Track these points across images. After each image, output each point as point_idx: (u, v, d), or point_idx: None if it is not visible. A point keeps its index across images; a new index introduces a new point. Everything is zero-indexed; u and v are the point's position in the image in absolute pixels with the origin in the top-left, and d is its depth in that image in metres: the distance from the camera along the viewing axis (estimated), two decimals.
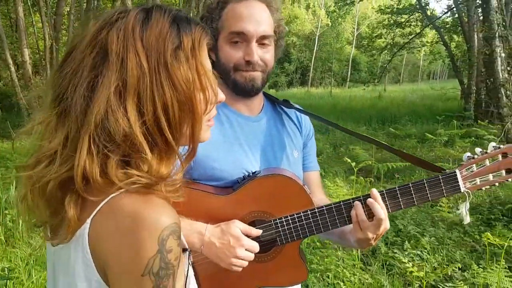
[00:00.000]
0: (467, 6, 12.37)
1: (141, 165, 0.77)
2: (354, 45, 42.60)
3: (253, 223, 1.34)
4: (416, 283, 3.27)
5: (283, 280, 1.41)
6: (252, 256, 1.27)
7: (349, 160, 4.38)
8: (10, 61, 11.54)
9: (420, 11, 16.29)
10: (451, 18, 16.91)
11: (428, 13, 16.41)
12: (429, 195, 1.32)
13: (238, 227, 1.26)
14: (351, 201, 1.33)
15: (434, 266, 3.60)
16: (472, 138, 7.52)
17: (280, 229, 1.34)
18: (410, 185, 1.32)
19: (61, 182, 0.77)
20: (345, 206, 1.34)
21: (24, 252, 3.73)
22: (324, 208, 1.34)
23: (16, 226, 4.32)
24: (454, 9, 14.32)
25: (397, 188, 1.33)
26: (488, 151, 1.34)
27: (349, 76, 43.46)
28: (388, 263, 3.75)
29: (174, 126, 0.80)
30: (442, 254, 3.85)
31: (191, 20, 0.84)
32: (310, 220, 1.34)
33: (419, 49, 21.97)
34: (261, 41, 1.35)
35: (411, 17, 16.95)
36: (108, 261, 0.74)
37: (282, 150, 1.48)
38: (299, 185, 1.36)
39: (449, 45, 15.21)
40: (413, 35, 17.14)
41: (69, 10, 13.98)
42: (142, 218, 0.73)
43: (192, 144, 0.86)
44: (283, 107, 1.57)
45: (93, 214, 0.76)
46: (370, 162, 5.17)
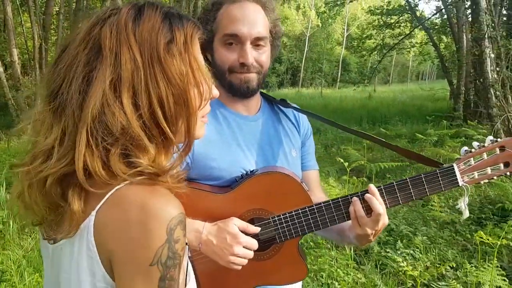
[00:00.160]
0: (456, 8, 12.50)
1: (141, 157, 0.78)
2: (344, 46, 42.82)
3: (251, 221, 1.33)
4: (409, 282, 3.29)
5: (283, 278, 1.41)
6: (250, 253, 1.26)
7: (341, 160, 4.39)
8: None
9: (409, 12, 16.41)
10: (440, 19, 17.04)
11: (417, 14, 16.53)
12: (427, 190, 1.32)
13: (235, 225, 1.26)
14: (349, 197, 1.33)
15: (427, 265, 3.62)
16: (462, 138, 7.59)
17: (278, 226, 1.34)
18: (408, 180, 1.32)
19: (59, 177, 0.77)
20: (343, 203, 1.33)
21: (16, 254, 3.69)
22: (322, 204, 1.34)
23: (7, 228, 4.27)
24: (443, 10, 14.44)
25: (395, 183, 1.33)
26: (485, 145, 1.33)
27: (339, 76, 43.69)
28: (381, 263, 3.77)
29: (170, 119, 0.81)
30: (434, 253, 3.88)
31: (183, 16, 0.86)
32: (309, 217, 1.34)
33: (409, 50, 22.06)
34: (255, 42, 1.34)
35: (401, 18, 17.06)
36: (114, 252, 0.74)
37: (280, 149, 1.47)
38: (297, 182, 1.36)
39: (438, 46, 15.32)
40: (402, 36, 17.24)
41: (58, 9, 13.87)
42: (150, 208, 0.74)
43: (187, 139, 0.86)
44: (281, 107, 1.57)
45: (98, 206, 0.76)
46: (362, 162, 5.19)
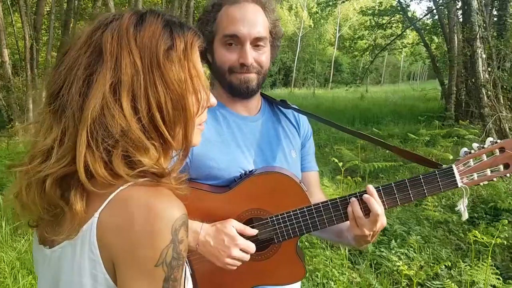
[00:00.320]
0: (447, 8, 12.60)
1: (141, 159, 0.78)
2: (336, 46, 42.95)
3: (250, 221, 1.33)
4: (404, 282, 3.30)
5: (280, 278, 1.40)
6: (247, 256, 1.26)
7: (336, 160, 4.40)
8: None
9: (401, 13, 16.50)
10: (431, 19, 17.17)
11: (409, 14, 16.63)
12: (425, 191, 1.32)
13: (233, 227, 1.25)
14: (348, 197, 1.32)
15: (421, 265, 3.64)
16: (454, 138, 7.64)
17: (276, 226, 1.33)
18: (407, 181, 1.32)
19: (59, 178, 0.78)
20: (341, 203, 1.33)
21: (9, 256, 3.65)
22: (320, 205, 1.33)
23: None
24: (435, 11, 14.54)
25: (393, 184, 1.32)
26: (485, 146, 1.33)
27: (331, 77, 43.83)
28: (376, 262, 3.78)
29: (169, 124, 0.82)
30: (428, 253, 3.90)
31: (184, 24, 0.88)
32: (307, 217, 1.33)
33: (400, 50, 22.15)
34: (255, 43, 1.35)
35: (392, 18, 17.13)
36: (118, 254, 0.74)
37: (280, 150, 1.47)
38: (296, 182, 1.36)
39: (429, 46, 15.43)
40: (394, 37, 17.31)
41: (49, 9, 13.77)
42: (156, 209, 0.74)
43: (185, 144, 0.87)
44: (281, 108, 1.57)
45: (101, 207, 0.76)
46: (356, 162, 5.21)
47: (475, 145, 1.35)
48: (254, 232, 1.30)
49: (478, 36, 8.68)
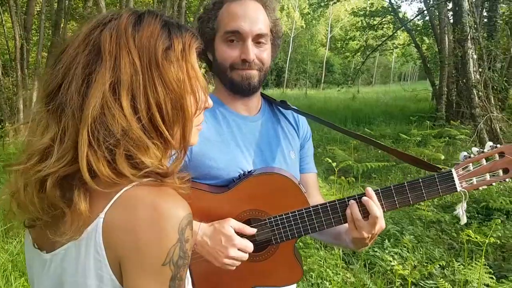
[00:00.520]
0: (438, 9, 12.68)
1: (144, 159, 0.78)
2: (327, 47, 43.06)
3: (248, 222, 1.32)
4: (398, 281, 3.31)
5: (278, 280, 1.40)
6: (245, 256, 1.25)
7: (330, 160, 4.41)
8: None
9: (392, 14, 16.58)
10: (422, 20, 17.27)
11: (400, 15, 16.72)
12: (424, 195, 1.32)
13: (231, 226, 1.25)
14: (346, 199, 1.32)
15: (414, 264, 3.66)
16: (446, 138, 7.69)
17: (275, 228, 1.33)
18: (406, 184, 1.32)
19: (60, 178, 0.77)
20: (340, 205, 1.33)
21: (1, 258, 3.61)
22: (319, 207, 1.33)
23: None
24: (425, 12, 14.63)
25: (392, 187, 1.32)
26: (485, 150, 1.33)
27: (323, 77, 43.91)
28: (369, 262, 3.79)
29: (168, 124, 0.82)
30: (421, 252, 3.91)
31: (182, 25, 0.88)
32: (305, 219, 1.33)
33: (391, 51, 22.29)
34: (257, 39, 1.35)
35: (384, 19, 17.22)
36: (125, 254, 0.74)
37: (279, 150, 1.47)
38: (295, 183, 1.35)
39: (420, 47, 15.52)
40: (385, 38, 17.40)
41: (39, 9, 13.65)
42: (162, 208, 0.75)
43: (183, 144, 0.88)
44: (280, 108, 1.56)
45: (107, 207, 0.76)
46: (350, 162, 5.23)
47: (475, 149, 1.35)
48: (253, 231, 1.30)
49: (469, 37, 8.74)
